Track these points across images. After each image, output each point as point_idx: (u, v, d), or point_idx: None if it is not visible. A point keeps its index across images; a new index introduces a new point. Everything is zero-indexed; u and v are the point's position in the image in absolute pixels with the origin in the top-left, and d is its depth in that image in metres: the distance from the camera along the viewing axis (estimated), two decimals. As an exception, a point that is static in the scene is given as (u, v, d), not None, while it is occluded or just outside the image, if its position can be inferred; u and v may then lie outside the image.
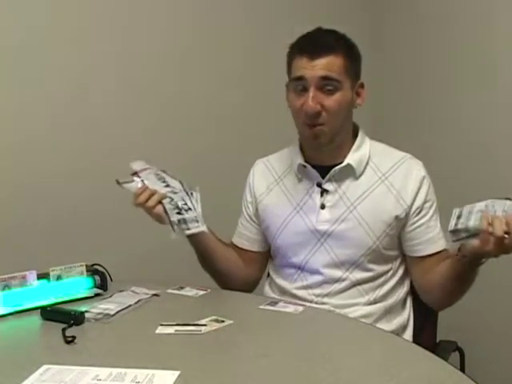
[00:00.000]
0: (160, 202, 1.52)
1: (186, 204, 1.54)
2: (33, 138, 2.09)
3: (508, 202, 1.32)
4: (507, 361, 2.22)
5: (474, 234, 1.31)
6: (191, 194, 1.57)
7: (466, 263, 1.39)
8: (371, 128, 1.73)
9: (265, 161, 1.71)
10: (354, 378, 1.05)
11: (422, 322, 1.63)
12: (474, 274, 1.44)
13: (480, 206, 1.34)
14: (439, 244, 1.53)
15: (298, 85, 1.51)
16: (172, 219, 1.51)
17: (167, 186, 1.57)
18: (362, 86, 1.57)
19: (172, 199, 1.54)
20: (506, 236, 1.26)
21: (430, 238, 1.53)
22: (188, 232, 1.52)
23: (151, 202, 1.51)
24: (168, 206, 1.52)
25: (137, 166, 1.61)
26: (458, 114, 2.39)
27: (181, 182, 1.60)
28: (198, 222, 1.52)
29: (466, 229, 1.32)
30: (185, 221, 1.52)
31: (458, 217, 1.35)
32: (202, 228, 1.53)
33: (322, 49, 1.49)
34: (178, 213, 1.52)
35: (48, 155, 2.12)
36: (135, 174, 1.59)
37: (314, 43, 1.51)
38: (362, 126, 1.64)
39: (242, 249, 1.71)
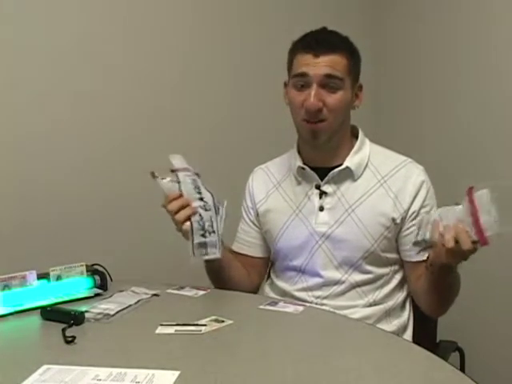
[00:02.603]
0: (189, 218, 1.44)
1: (211, 225, 1.46)
2: (33, 138, 2.09)
3: (458, 207, 1.29)
4: (507, 361, 2.22)
5: (431, 245, 1.31)
6: (218, 209, 1.48)
7: (436, 271, 1.38)
8: (371, 129, 1.73)
9: (263, 168, 1.72)
10: (353, 378, 1.05)
11: (422, 322, 1.63)
12: (449, 280, 1.42)
13: (435, 215, 1.33)
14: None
15: (299, 81, 1.51)
16: (195, 242, 1.44)
17: (201, 198, 1.47)
18: (360, 88, 1.57)
19: (201, 218, 1.45)
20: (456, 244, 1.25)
21: None
22: (205, 257, 1.45)
23: (182, 215, 1.43)
24: (195, 226, 1.44)
25: (177, 162, 1.51)
26: (459, 115, 2.39)
27: (212, 196, 1.49)
28: (216, 247, 1.45)
29: (425, 240, 1.32)
30: (205, 244, 1.44)
31: (419, 228, 1.34)
32: (218, 255, 1.46)
33: (327, 47, 1.49)
34: (202, 235, 1.44)
35: (48, 155, 2.12)
36: (174, 171, 1.49)
37: (319, 41, 1.51)
38: (362, 128, 1.64)
39: (242, 255, 1.71)
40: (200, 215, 1.45)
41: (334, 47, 1.50)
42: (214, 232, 1.46)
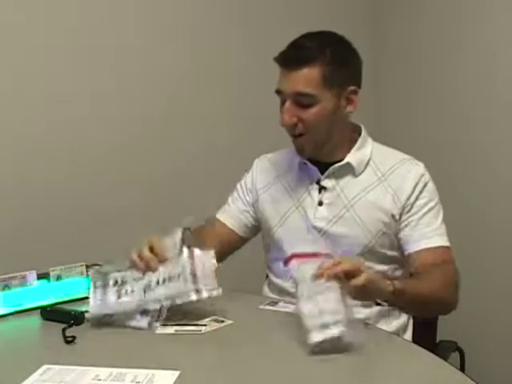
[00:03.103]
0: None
1: (129, 298, 1.28)
2: (32, 138, 2.09)
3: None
4: (507, 361, 2.22)
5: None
6: (161, 311, 1.29)
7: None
8: (372, 128, 1.73)
9: (269, 157, 1.72)
10: (353, 377, 1.05)
11: (422, 322, 1.62)
12: (401, 303, 1.40)
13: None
14: (427, 241, 1.49)
15: (280, 97, 1.52)
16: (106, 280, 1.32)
17: (166, 281, 1.29)
18: (354, 92, 1.51)
19: (137, 281, 1.30)
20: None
21: (418, 235, 1.50)
22: (89, 307, 1.32)
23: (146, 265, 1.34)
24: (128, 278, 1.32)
25: (201, 253, 1.34)
26: (459, 114, 2.40)
27: (163, 306, 1.29)
28: (108, 317, 1.29)
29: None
30: (105, 293, 1.31)
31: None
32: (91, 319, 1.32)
33: (297, 61, 1.45)
34: (116, 283, 1.31)
35: (48, 156, 2.13)
36: (190, 251, 1.33)
37: (291, 55, 1.48)
38: (364, 125, 1.63)
39: (224, 225, 1.69)
40: (142, 282, 1.30)
41: (304, 60, 1.45)
42: (126, 303, 1.29)
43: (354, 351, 1.12)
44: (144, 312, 1.30)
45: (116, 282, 1.33)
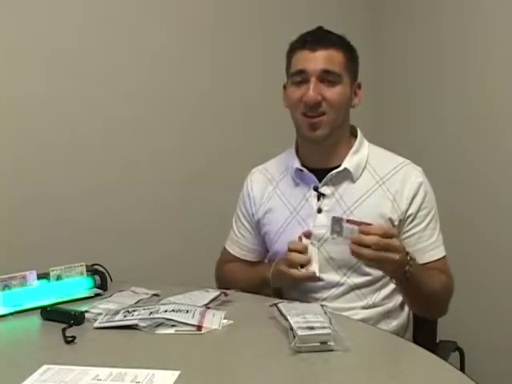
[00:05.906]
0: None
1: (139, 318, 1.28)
2: (32, 138, 2.09)
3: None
4: (507, 361, 2.22)
5: None
6: None
7: (397, 282, 1.45)
8: (369, 129, 1.73)
9: (261, 169, 1.71)
10: (353, 377, 1.05)
11: (422, 322, 1.63)
12: (415, 287, 1.43)
13: None
14: (429, 255, 1.52)
15: (298, 77, 1.52)
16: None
17: (174, 311, 1.31)
18: (359, 86, 1.58)
19: (146, 309, 1.32)
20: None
21: (420, 248, 1.52)
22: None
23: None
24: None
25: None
26: (458, 115, 2.39)
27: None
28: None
29: None
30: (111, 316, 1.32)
31: None
32: None
33: (323, 42, 1.51)
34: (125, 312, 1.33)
35: (48, 156, 2.12)
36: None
37: (315, 37, 1.53)
38: (360, 128, 1.64)
39: (240, 259, 1.71)
40: (150, 310, 1.31)
41: (330, 43, 1.52)
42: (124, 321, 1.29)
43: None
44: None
45: (127, 311, 1.33)
